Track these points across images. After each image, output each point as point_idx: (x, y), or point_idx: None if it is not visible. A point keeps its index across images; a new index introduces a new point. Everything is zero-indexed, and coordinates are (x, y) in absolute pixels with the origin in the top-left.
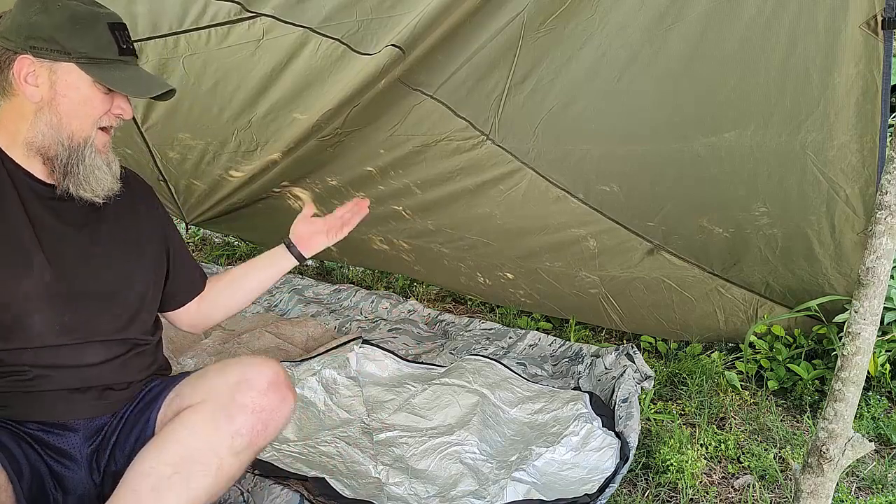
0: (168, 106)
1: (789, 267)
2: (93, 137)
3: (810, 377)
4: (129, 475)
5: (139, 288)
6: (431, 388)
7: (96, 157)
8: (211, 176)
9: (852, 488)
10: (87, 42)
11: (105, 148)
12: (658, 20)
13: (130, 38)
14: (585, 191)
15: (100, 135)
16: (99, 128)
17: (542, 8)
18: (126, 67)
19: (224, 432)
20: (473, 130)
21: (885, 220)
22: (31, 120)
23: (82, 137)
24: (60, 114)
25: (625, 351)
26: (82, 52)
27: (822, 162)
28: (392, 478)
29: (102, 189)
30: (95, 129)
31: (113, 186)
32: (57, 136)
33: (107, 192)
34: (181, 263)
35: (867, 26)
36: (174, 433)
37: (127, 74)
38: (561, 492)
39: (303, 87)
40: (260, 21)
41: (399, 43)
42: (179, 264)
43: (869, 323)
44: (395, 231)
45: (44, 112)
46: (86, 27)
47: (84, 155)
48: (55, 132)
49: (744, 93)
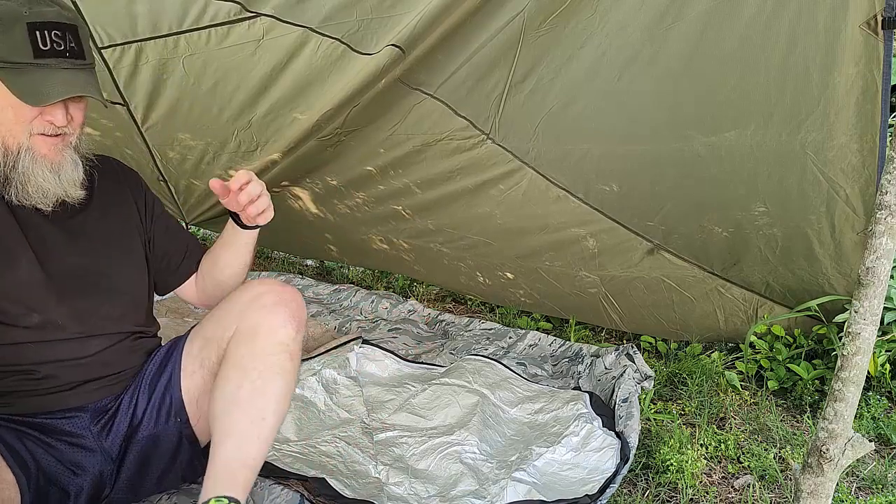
0: (168, 106)
1: (789, 267)
2: (26, 145)
3: (810, 377)
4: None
5: (129, 280)
6: (431, 388)
7: (34, 165)
8: (211, 176)
9: (852, 488)
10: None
11: (53, 153)
12: (658, 19)
13: (67, 38)
14: (585, 190)
15: (40, 141)
16: (39, 134)
17: (543, 7)
18: (40, 71)
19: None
20: (474, 130)
21: (885, 220)
22: None
23: (14, 145)
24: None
25: (625, 351)
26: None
27: (822, 162)
28: (392, 478)
29: (46, 196)
30: (29, 136)
31: (66, 192)
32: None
33: (55, 199)
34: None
35: (867, 26)
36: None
37: (37, 79)
38: (561, 492)
39: (303, 86)
40: (260, 21)
41: (399, 42)
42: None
43: (869, 323)
44: (395, 231)
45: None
46: (4, 28)
47: (17, 163)
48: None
49: (744, 92)
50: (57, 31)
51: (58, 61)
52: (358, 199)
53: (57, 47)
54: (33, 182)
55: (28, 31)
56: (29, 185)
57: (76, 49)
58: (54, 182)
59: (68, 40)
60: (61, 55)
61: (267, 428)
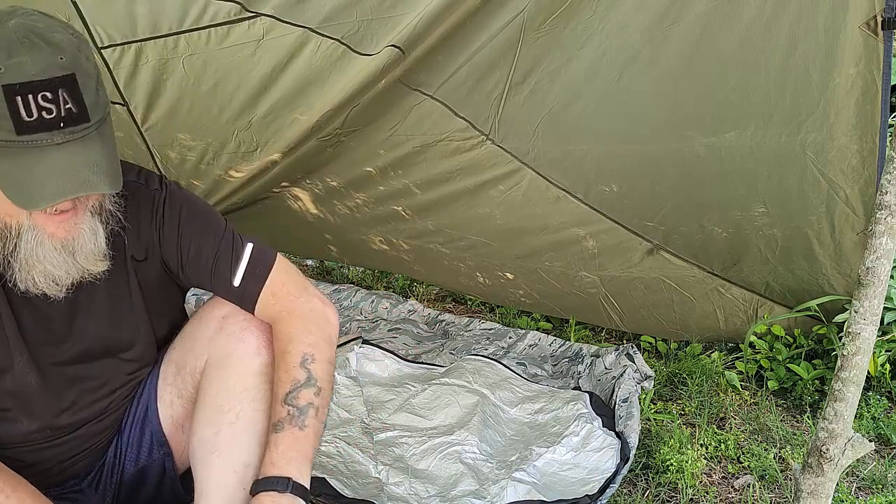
0: (168, 106)
1: (789, 267)
2: (27, 224)
3: (810, 377)
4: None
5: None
6: (431, 388)
7: (39, 249)
8: (211, 176)
9: (852, 488)
10: None
11: (64, 230)
12: (658, 20)
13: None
14: (585, 191)
15: (44, 220)
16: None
17: (543, 8)
18: (26, 154)
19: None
20: (473, 130)
21: (885, 220)
22: None
23: (14, 224)
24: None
25: (625, 351)
26: None
27: (821, 162)
28: (392, 478)
29: (58, 283)
30: (30, 215)
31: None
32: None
33: (69, 284)
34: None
35: (867, 27)
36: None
37: (22, 168)
38: (561, 492)
39: (303, 87)
40: (260, 21)
41: (399, 43)
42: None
43: (869, 323)
44: (395, 231)
45: None
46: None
47: (18, 246)
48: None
49: (744, 93)
50: (46, 93)
51: (49, 136)
52: (358, 200)
53: (46, 115)
54: (39, 268)
55: (5, 98)
56: (34, 271)
57: (74, 112)
58: (68, 264)
59: (62, 101)
60: (53, 126)
61: (251, 475)
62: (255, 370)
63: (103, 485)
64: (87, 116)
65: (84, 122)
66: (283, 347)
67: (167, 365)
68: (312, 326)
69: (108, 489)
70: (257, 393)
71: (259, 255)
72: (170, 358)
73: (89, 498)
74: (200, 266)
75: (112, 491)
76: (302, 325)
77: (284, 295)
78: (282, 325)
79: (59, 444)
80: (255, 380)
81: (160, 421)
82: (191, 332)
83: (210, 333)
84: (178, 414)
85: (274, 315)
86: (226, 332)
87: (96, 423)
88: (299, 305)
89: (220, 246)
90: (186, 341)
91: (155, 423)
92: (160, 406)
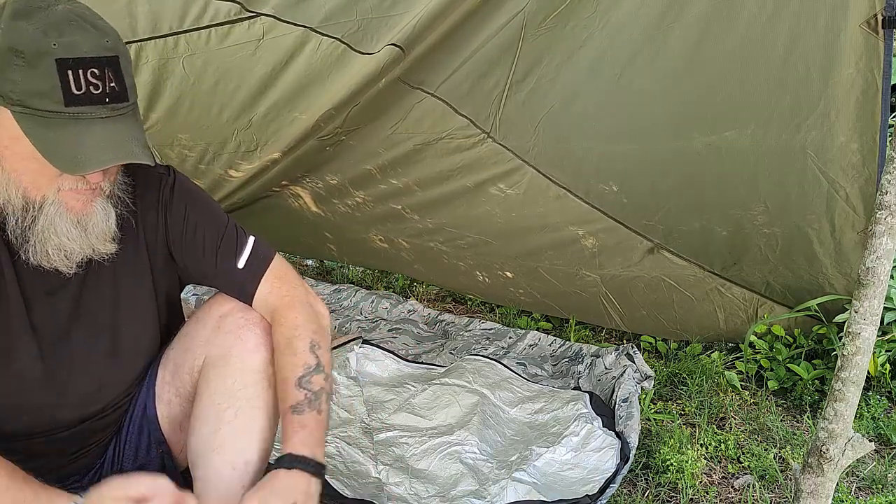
0: (168, 106)
1: (789, 266)
2: (51, 199)
3: (810, 377)
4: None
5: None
6: (431, 388)
7: (58, 220)
8: (211, 176)
9: (852, 488)
10: (22, 84)
11: (81, 204)
12: (658, 19)
13: (107, 77)
14: (586, 189)
15: (70, 196)
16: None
17: (543, 6)
18: (73, 124)
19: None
20: (474, 128)
21: (886, 219)
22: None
23: (38, 198)
24: (7, 168)
25: (625, 351)
26: (14, 97)
27: (822, 161)
28: (392, 478)
29: (69, 258)
30: (57, 191)
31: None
32: (8, 195)
33: (79, 259)
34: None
35: (867, 25)
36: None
37: (68, 136)
38: (561, 492)
39: (303, 86)
40: (260, 21)
41: (399, 42)
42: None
43: (869, 323)
44: (395, 230)
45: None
46: (26, 63)
47: (38, 218)
48: (5, 189)
49: (744, 92)
50: (94, 70)
51: (94, 109)
52: (358, 199)
53: (94, 91)
54: (55, 241)
55: (58, 71)
56: (49, 244)
57: (117, 90)
58: (80, 239)
59: (108, 79)
60: (99, 101)
61: (251, 472)
62: (254, 368)
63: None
64: (127, 96)
65: (125, 100)
66: (290, 332)
67: (166, 364)
68: (314, 316)
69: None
70: (255, 391)
71: (260, 246)
72: (168, 357)
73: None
74: (205, 248)
75: None
76: (305, 313)
77: (286, 282)
78: (286, 311)
79: (62, 439)
80: (253, 377)
81: (158, 420)
82: (189, 332)
83: (208, 333)
84: (177, 413)
85: (276, 301)
86: (224, 331)
87: (98, 420)
88: (300, 295)
89: (224, 232)
90: (185, 340)
91: (153, 422)
92: (158, 405)
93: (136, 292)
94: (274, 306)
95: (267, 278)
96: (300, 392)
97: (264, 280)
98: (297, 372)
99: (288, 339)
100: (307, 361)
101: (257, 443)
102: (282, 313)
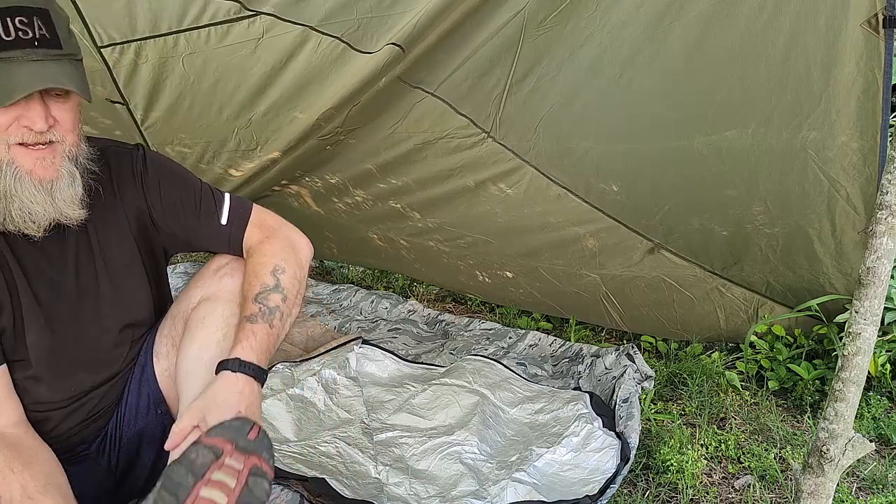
0: (168, 105)
1: (790, 266)
2: (6, 158)
3: (811, 377)
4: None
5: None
6: (431, 388)
7: (18, 184)
8: (211, 175)
9: (853, 488)
10: None
11: (41, 168)
12: (659, 18)
13: (35, 25)
14: (586, 189)
15: (21, 153)
16: (18, 144)
17: (543, 5)
18: (4, 66)
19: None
20: (474, 128)
21: (886, 219)
22: None
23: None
24: None
25: (625, 351)
26: None
27: (822, 160)
28: (392, 478)
29: (34, 221)
30: (8, 148)
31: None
32: None
33: (46, 223)
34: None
35: (868, 24)
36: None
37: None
38: (562, 493)
39: (303, 85)
40: (260, 20)
41: (399, 41)
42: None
43: (869, 323)
44: (395, 229)
45: None
46: None
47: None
48: None
49: (744, 91)
50: (22, 18)
51: (25, 53)
52: (358, 198)
53: (23, 36)
54: (17, 203)
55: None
56: (13, 206)
57: (48, 37)
58: (45, 202)
59: (37, 26)
60: (29, 45)
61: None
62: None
63: (108, 449)
64: (60, 44)
65: (57, 47)
66: (258, 260)
67: (164, 322)
68: (287, 247)
69: (112, 453)
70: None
71: (238, 200)
72: (167, 315)
73: (97, 462)
74: (186, 212)
75: (115, 454)
76: (278, 245)
77: (266, 227)
78: (259, 246)
79: (72, 409)
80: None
81: (157, 378)
82: (189, 286)
83: (205, 280)
84: (173, 364)
85: (255, 243)
86: (219, 275)
87: (103, 387)
88: (278, 233)
89: (201, 193)
90: (182, 295)
91: (152, 382)
92: (156, 362)
93: (125, 261)
94: (252, 248)
95: (250, 227)
96: (254, 306)
97: (248, 229)
98: (254, 290)
99: (254, 265)
100: (265, 282)
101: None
102: (256, 248)
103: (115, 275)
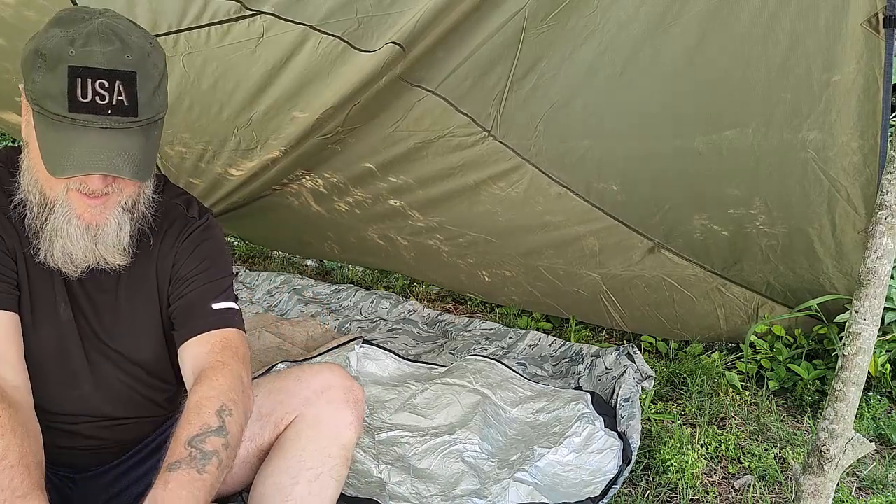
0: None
1: (790, 266)
2: (62, 199)
3: (811, 377)
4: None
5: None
6: (432, 387)
7: (66, 226)
8: (211, 174)
9: (853, 488)
10: (39, 86)
11: (92, 215)
12: (659, 17)
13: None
14: (586, 188)
15: (77, 198)
16: (76, 189)
17: (544, 4)
18: (71, 129)
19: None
20: (475, 126)
21: (886, 220)
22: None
23: (51, 197)
24: (31, 164)
25: (625, 351)
26: (34, 97)
27: (823, 160)
28: (394, 477)
29: (73, 263)
30: (66, 191)
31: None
32: (30, 188)
33: (84, 266)
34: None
35: (868, 24)
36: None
37: (63, 139)
38: (564, 494)
39: (303, 84)
40: (260, 19)
41: (399, 40)
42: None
43: (869, 323)
44: (395, 228)
45: (26, 155)
46: (46, 66)
47: (49, 218)
48: (28, 183)
49: (745, 91)
50: (104, 81)
51: (95, 118)
52: (358, 196)
53: (99, 101)
54: (60, 244)
55: (68, 77)
56: (56, 246)
57: (126, 104)
58: (86, 247)
59: (116, 92)
60: (101, 111)
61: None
62: (343, 443)
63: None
64: (136, 112)
65: (132, 115)
66: (204, 393)
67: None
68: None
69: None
70: (337, 463)
71: (238, 314)
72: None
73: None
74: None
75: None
76: (231, 382)
77: (231, 352)
78: (211, 373)
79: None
80: (340, 451)
81: None
82: (284, 387)
83: (309, 394)
84: (240, 455)
85: (211, 361)
86: (326, 399)
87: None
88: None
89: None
90: (274, 394)
91: None
92: None
93: (145, 308)
94: (202, 367)
95: (218, 338)
96: (185, 450)
97: (214, 338)
98: (191, 431)
99: (198, 399)
100: (208, 422)
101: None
102: (206, 374)
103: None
